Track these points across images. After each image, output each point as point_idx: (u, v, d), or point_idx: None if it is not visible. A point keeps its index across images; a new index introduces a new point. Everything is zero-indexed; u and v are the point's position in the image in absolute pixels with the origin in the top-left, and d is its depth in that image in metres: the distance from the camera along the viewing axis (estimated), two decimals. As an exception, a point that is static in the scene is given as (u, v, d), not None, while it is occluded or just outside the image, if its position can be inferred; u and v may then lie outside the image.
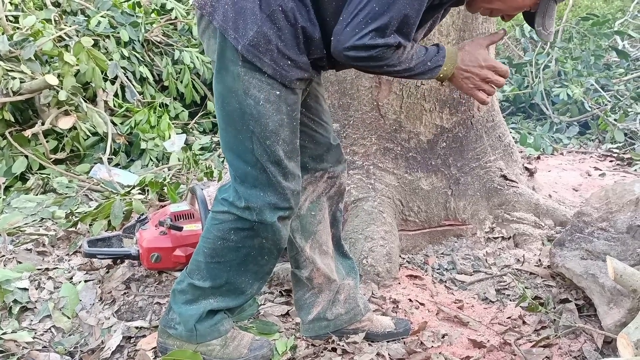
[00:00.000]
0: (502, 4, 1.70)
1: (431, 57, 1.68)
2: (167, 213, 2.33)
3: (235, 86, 1.63)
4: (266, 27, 1.58)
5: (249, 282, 1.83)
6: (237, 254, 1.77)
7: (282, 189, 1.70)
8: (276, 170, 1.68)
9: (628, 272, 1.86)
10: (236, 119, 1.66)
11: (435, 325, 2.15)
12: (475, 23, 2.64)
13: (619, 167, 4.18)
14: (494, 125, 2.92)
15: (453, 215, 2.76)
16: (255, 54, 1.59)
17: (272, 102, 1.63)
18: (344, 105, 2.65)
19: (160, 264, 2.27)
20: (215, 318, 1.84)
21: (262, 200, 1.70)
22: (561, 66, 5.64)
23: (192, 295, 1.82)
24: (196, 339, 1.83)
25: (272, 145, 1.66)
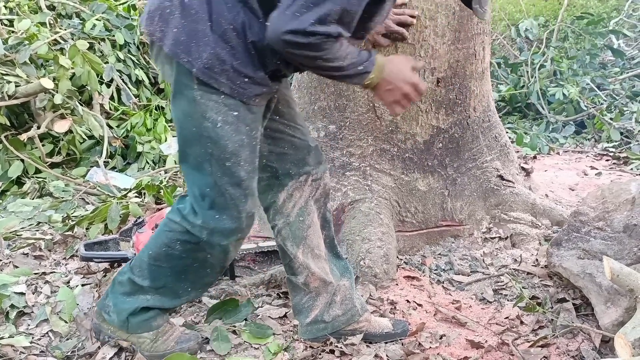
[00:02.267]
0: None
1: (363, 61, 1.64)
2: (164, 216, 2.32)
3: (191, 110, 1.61)
4: (219, 48, 1.56)
5: (187, 289, 1.84)
6: (179, 262, 1.78)
7: (238, 213, 1.70)
8: (236, 192, 1.68)
9: (625, 272, 1.86)
10: (194, 143, 1.64)
11: (433, 326, 2.15)
12: (471, 24, 2.64)
13: (615, 166, 4.19)
14: (490, 125, 2.92)
15: (450, 215, 2.76)
16: (210, 76, 1.57)
17: (231, 123, 1.62)
18: (340, 106, 2.65)
19: None
20: (149, 314, 1.87)
21: (217, 223, 1.69)
22: (557, 66, 5.65)
23: (130, 289, 1.84)
24: (127, 330, 1.87)
25: (232, 167, 1.65)
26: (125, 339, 1.89)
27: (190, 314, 2.19)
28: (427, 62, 2.59)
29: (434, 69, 2.61)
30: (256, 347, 2.01)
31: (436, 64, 2.60)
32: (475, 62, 2.73)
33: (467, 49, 2.67)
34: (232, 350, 1.99)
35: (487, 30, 2.79)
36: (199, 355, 1.95)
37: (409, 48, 2.56)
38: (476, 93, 2.79)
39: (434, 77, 2.62)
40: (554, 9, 7.30)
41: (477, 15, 1.77)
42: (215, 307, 2.17)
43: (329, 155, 2.68)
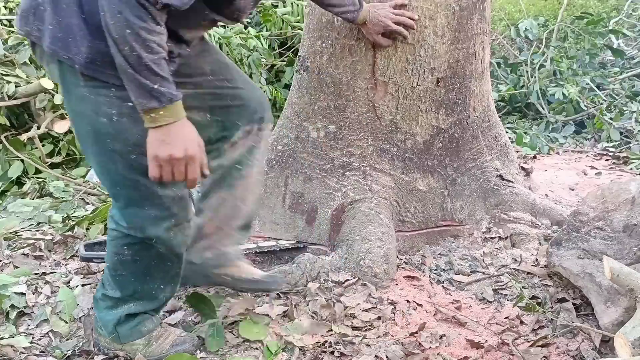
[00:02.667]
0: None
1: (168, 85, 1.44)
2: None
3: (82, 108, 1.54)
4: (97, 40, 1.46)
5: (159, 288, 1.83)
6: (136, 266, 1.76)
7: (159, 199, 1.64)
8: (149, 182, 1.57)
9: (625, 272, 1.86)
10: (93, 142, 1.57)
11: (433, 326, 2.15)
12: (470, 23, 2.64)
13: (615, 166, 4.18)
14: (490, 125, 2.92)
15: (450, 215, 2.76)
16: (95, 69, 1.49)
17: (127, 114, 1.52)
18: (339, 106, 2.65)
19: None
20: (135, 320, 1.86)
21: (141, 216, 1.65)
22: (556, 65, 5.65)
23: (110, 303, 1.85)
24: (119, 340, 1.87)
25: (139, 158, 1.55)
26: (120, 348, 1.90)
27: (190, 314, 2.19)
28: (426, 62, 2.59)
29: (434, 69, 2.61)
30: (256, 347, 2.01)
31: (436, 63, 2.61)
32: (475, 62, 2.73)
33: (466, 49, 2.67)
34: (232, 350, 1.99)
35: (486, 30, 2.79)
36: (199, 355, 1.95)
37: (408, 48, 2.56)
38: (476, 93, 2.79)
39: (433, 77, 2.62)
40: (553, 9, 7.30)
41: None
42: None
43: (329, 155, 2.68)
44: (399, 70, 2.58)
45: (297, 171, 2.74)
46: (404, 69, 2.58)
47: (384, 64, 2.58)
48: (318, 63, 2.68)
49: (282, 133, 2.81)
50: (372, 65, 2.59)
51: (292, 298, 2.29)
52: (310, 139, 2.71)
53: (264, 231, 2.76)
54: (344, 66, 2.62)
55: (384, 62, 2.58)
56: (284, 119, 2.84)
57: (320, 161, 2.70)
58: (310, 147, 2.71)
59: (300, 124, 2.75)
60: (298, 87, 2.78)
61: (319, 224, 2.67)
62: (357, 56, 2.59)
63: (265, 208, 2.79)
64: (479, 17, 2.68)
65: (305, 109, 2.73)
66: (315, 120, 2.70)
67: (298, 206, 2.73)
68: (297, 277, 2.38)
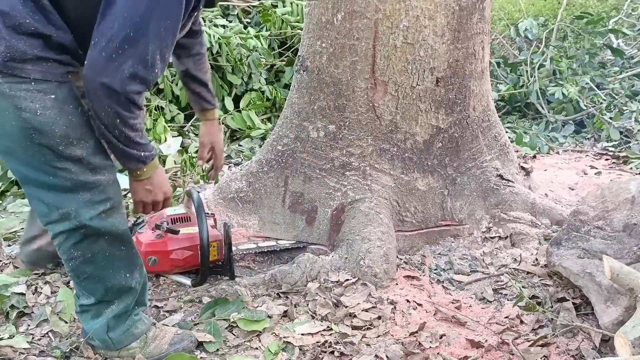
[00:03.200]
0: None
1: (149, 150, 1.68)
2: (164, 216, 2.33)
3: (5, 105, 1.55)
4: (15, 40, 1.50)
5: (126, 276, 1.81)
6: (94, 264, 1.75)
7: (93, 184, 1.66)
8: (80, 169, 1.62)
9: (624, 271, 1.86)
10: (19, 139, 1.58)
11: (433, 325, 2.15)
12: (470, 23, 2.64)
13: (615, 166, 4.19)
14: (490, 125, 2.93)
15: (450, 215, 2.76)
16: (14, 67, 1.51)
17: (51, 107, 1.56)
18: (339, 106, 2.65)
19: (157, 267, 2.27)
20: (126, 323, 1.86)
21: (75, 201, 1.65)
22: (556, 65, 5.66)
23: (91, 312, 1.84)
24: (115, 347, 1.87)
25: (66, 149, 1.59)
26: (117, 355, 1.90)
27: (190, 314, 2.19)
28: (426, 61, 2.59)
29: (434, 69, 2.61)
30: (256, 347, 2.01)
31: (435, 63, 2.61)
32: (474, 61, 2.73)
33: (466, 49, 2.67)
34: (232, 350, 1.99)
35: (486, 29, 2.79)
36: (199, 355, 1.95)
37: (408, 48, 2.56)
38: (476, 92, 2.79)
39: (433, 77, 2.62)
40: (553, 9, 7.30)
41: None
42: (208, 307, 2.19)
43: (329, 155, 2.68)
44: (398, 70, 2.58)
45: (296, 171, 2.74)
46: (404, 69, 2.58)
47: (383, 64, 2.58)
48: (318, 63, 2.68)
49: (282, 133, 2.81)
50: (371, 65, 2.59)
51: (292, 298, 2.29)
52: (310, 139, 2.71)
53: (263, 231, 2.76)
54: (344, 66, 2.62)
55: (383, 62, 2.58)
56: (283, 118, 2.84)
57: (320, 161, 2.70)
58: (310, 147, 2.71)
59: (300, 124, 2.75)
60: (298, 87, 2.78)
61: (318, 224, 2.67)
62: (357, 56, 2.59)
63: (265, 208, 2.79)
64: (479, 16, 2.68)
65: (305, 108, 2.73)
66: (315, 120, 2.70)
67: (298, 206, 2.73)
68: (297, 277, 2.38)
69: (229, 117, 4.71)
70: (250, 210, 2.80)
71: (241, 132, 4.71)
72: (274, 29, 5.18)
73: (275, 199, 2.78)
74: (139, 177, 1.72)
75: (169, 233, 2.26)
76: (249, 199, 2.81)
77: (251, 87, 4.95)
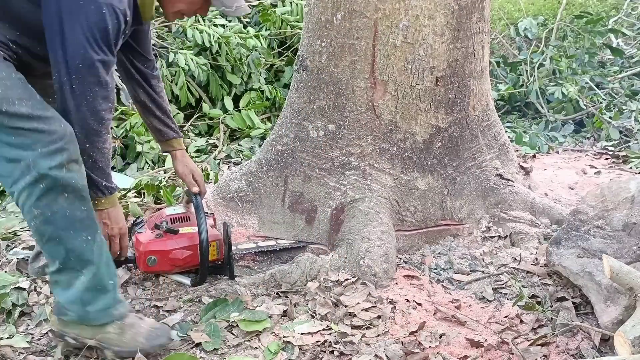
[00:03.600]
0: (183, 4, 1.97)
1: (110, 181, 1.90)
2: (163, 216, 2.33)
3: None
4: None
5: (87, 239, 1.82)
6: (53, 225, 1.77)
7: (47, 134, 1.71)
8: (32, 124, 1.70)
9: (624, 270, 1.86)
10: None
11: (432, 325, 2.15)
12: (470, 22, 2.64)
13: (615, 165, 4.18)
14: (490, 124, 2.92)
15: (449, 214, 2.76)
16: None
17: None
18: (339, 106, 2.65)
19: (157, 266, 2.27)
20: (105, 301, 1.87)
21: (34, 152, 1.70)
22: (556, 64, 5.66)
23: (62, 281, 1.85)
24: (90, 322, 1.87)
25: (11, 108, 1.68)
26: (91, 337, 1.88)
27: (190, 313, 2.19)
28: (426, 61, 2.59)
29: (433, 68, 2.61)
30: (255, 347, 2.01)
31: (435, 63, 2.61)
32: (474, 61, 2.73)
33: (466, 48, 2.67)
34: (231, 350, 1.99)
35: (486, 29, 2.79)
36: (199, 355, 1.95)
37: (408, 47, 2.56)
38: (475, 92, 2.79)
39: (433, 76, 2.62)
40: (552, 8, 7.30)
41: (231, 15, 1.94)
42: (208, 308, 2.18)
43: (328, 154, 2.68)
44: (398, 69, 2.58)
45: (296, 170, 2.74)
46: (404, 68, 2.58)
47: (383, 63, 2.58)
48: (317, 62, 2.68)
49: (282, 132, 2.81)
50: (371, 64, 2.59)
51: (292, 297, 2.29)
52: (310, 139, 2.71)
53: (263, 230, 2.76)
54: (343, 65, 2.62)
55: (383, 62, 2.58)
56: (283, 118, 2.84)
57: (320, 160, 2.70)
58: (309, 147, 2.71)
59: (299, 124, 2.75)
60: (297, 87, 2.78)
61: (318, 223, 2.67)
62: (357, 55, 2.59)
63: (264, 207, 2.79)
64: (478, 16, 2.68)
65: (304, 108, 2.73)
66: (314, 120, 2.70)
67: (297, 205, 2.73)
68: (297, 277, 2.38)
69: (229, 116, 4.71)
70: (249, 210, 2.80)
71: (241, 132, 4.71)
72: (274, 28, 5.18)
73: (274, 198, 2.78)
74: (97, 207, 1.90)
75: (168, 233, 2.26)
76: (248, 198, 2.81)
77: (251, 86, 4.95)
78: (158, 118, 2.36)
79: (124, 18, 1.76)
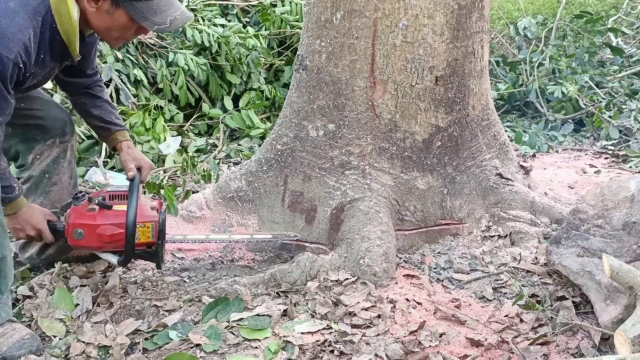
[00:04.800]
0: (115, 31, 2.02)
1: (6, 191, 2.01)
2: (103, 192, 2.28)
3: None
4: None
5: None
6: None
7: None
8: None
9: (624, 269, 1.86)
10: None
11: (432, 324, 2.15)
12: (469, 22, 2.64)
13: (614, 164, 4.19)
14: (489, 123, 2.92)
15: (449, 214, 2.76)
16: None
17: None
18: (338, 105, 2.65)
19: (84, 241, 2.19)
20: None
21: None
22: (555, 64, 5.65)
23: None
24: None
25: None
26: None
27: (190, 313, 2.19)
28: (425, 60, 2.59)
29: (433, 68, 2.61)
30: (255, 346, 2.01)
31: (435, 62, 2.61)
32: (474, 60, 2.73)
33: (465, 47, 2.67)
34: (231, 350, 1.99)
35: (485, 28, 2.79)
36: (199, 355, 1.95)
37: (407, 46, 2.56)
38: (475, 91, 2.79)
39: (432, 76, 2.62)
40: (552, 7, 7.31)
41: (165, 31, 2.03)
42: (209, 308, 2.18)
43: (328, 154, 2.68)
44: (397, 68, 2.58)
45: (296, 170, 2.74)
46: (403, 68, 2.58)
47: (382, 63, 2.58)
48: (317, 62, 2.68)
49: (281, 132, 2.81)
50: (371, 64, 2.59)
51: (292, 297, 2.29)
52: (310, 138, 2.71)
53: (263, 230, 2.76)
54: (343, 65, 2.62)
55: (383, 61, 2.58)
56: (282, 118, 2.84)
57: (320, 160, 2.70)
58: (309, 146, 2.71)
59: (299, 123, 2.75)
60: (297, 86, 2.78)
61: (318, 223, 2.67)
62: (356, 55, 2.59)
63: (264, 207, 2.79)
64: (478, 15, 2.68)
65: (304, 107, 2.73)
66: (314, 119, 2.70)
67: (297, 205, 2.73)
68: (297, 276, 2.38)
69: (228, 116, 4.71)
70: (249, 210, 2.80)
71: (240, 132, 4.71)
72: (273, 28, 5.18)
73: (274, 198, 2.78)
74: (5, 213, 2.05)
75: (101, 208, 2.19)
76: (248, 198, 2.81)
77: (250, 86, 4.95)
78: (98, 117, 2.40)
79: (14, 65, 1.84)
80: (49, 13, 1.91)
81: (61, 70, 2.25)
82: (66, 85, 2.40)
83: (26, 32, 1.86)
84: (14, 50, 1.82)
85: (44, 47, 1.95)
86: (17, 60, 1.84)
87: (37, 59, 1.95)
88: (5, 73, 1.83)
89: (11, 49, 1.81)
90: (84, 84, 2.36)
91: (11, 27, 1.83)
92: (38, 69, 2.00)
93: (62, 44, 1.99)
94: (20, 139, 2.31)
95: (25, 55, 1.87)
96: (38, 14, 1.90)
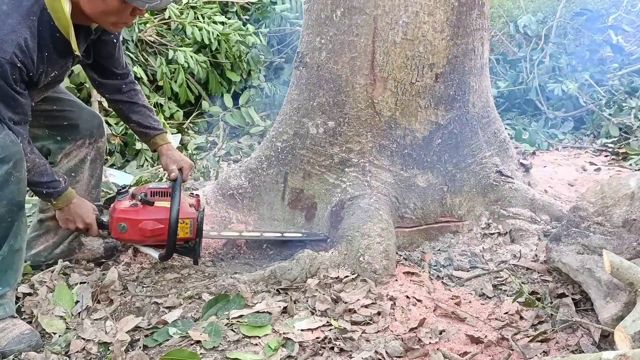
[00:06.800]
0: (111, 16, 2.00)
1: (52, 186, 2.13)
2: (145, 188, 2.37)
3: None
4: None
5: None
6: None
7: None
8: None
9: (624, 266, 1.86)
10: None
11: (432, 321, 2.15)
12: (469, 19, 2.64)
13: (614, 162, 4.19)
14: (489, 121, 2.92)
15: (449, 211, 2.76)
16: None
17: None
18: (339, 102, 2.65)
19: (127, 235, 2.29)
20: None
21: None
22: (555, 62, 5.65)
23: None
24: None
25: None
26: None
27: (190, 310, 2.19)
28: (425, 57, 2.59)
29: (433, 65, 2.60)
30: (255, 343, 2.01)
31: (435, 59, 2.60)
32: (474, 57, 2.73)
33: (466, 45, 2.67)
34: (231, 347, 1.99)
35: (485, 26, 2.78)
36: (199, 351, 1.95)
37: (407, 44, 2.56)
38: (475, 89, 2.78)
39: (432, 73, 2.62)
40: (552, 5, 7.29)
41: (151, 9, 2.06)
42: (209, 305, 2.18)
43: (328, 151, 2.68)
44: (398, 66, 2.58)
45: (296, 167, 2.74)
46: (403, 65, 2.58)
47: (383, 60, 2.58)
48: (317, 59, 2.68)
49: (281, 129, 2.81)
50: (371, 61, 2.59)
51: (292, 294, 2.29)
52: (310, 135, 2.71)
53: (263, 227, 2.76)
54: (343, 62, 2.62)
55: (383, 58, 2.58)
56: (282, 115, 2.84)
57: (320, 157, 2.70)
58: (309, 143, 2.71)
59: (299, 120, 2.74)
60: (297, 84, 2.78)
61: (318, 220, 2.67)
62: (356, 52, 2.59)
63: (264, 204, 2.79)
64: (478, 12, 2.68)
65: (304, 105, 2.73)
66: (314, 117, 2.70)
67: (297, 202, 2.73)
68: (297, 273, 2.38)
69: (228, 114, 4.71)
70: (249, 207, 2.80)
71: (240, 129, 4.71)
72: (273, 25, 5.18)
73: (274, 195, 2.78)
74: (55, 207, 2.20)
75: (144, 203, 2.28)
76: (248, 195, 2.81)
77: (250, 83, 4.95)
78: (136, 122, 2.47)
79: (12, 65, 1.88)
80: (45, 12, 1.95)
81: (94, 71, 2.34)
82: (101, 88, 2.45)
83: (20, 33, 1.90)
84: (9, 51, 1.87)
85: (45, 45, 1.98)
86: (14, 61, 1.88)
87: (42, 57, 1.99)
88: (5, 74, 1.87)
89: (5, 50, 1.86)
90: (117, 86, 2.41)
91: (3, 29, 1.87)
92: (47, 67, 2.03)
93: (64, 40, 2.01)
94: (53, 140, 2.39)
95: (22, 55, 1.90)
96: (32, 14, 1.93)
